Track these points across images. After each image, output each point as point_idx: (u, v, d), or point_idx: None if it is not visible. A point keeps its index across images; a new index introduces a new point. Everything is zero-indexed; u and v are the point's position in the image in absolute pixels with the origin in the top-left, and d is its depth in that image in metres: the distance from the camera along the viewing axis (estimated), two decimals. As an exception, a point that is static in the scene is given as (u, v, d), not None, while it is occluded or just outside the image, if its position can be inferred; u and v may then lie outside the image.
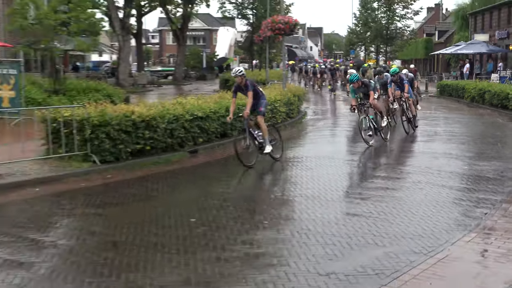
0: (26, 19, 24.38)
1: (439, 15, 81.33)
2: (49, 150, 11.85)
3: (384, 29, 72.46)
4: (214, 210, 9.15)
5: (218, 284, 6.02)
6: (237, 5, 63.71)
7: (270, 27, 29.65)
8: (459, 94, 32.32)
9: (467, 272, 6.31)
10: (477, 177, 11.59)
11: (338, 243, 7.32)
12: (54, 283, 6.15)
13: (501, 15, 48.54)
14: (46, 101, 21.05)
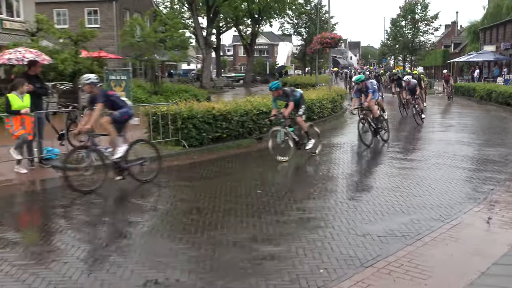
0: (134, 38, 24.92)
1: (455, 30, 79.60)
2: (150, 136, 12.10)
3: (410, 42, 71.48)
4: (275, 184, 9.21)
5: (278, 241, 6.07)
6: (293, 25, 63.98)
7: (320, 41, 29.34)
8: (470, 93, 31.63)
9: (476, 235, 6.20)
10: (485, 160, 11.32)
11: (372, 210, 7.29)
12: (153, 237, 6.34)
13: (506, 30, 48.11)
14: (148, 100, 21.56)
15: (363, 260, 5.41)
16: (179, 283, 4.89)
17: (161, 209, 7.77)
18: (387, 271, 5.13)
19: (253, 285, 4.82)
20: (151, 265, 5.32)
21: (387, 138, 13.71)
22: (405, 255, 5.53)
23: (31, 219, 7.59)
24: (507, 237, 6.05)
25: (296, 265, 5.29)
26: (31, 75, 10.20)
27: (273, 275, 5.05)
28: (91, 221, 7.16)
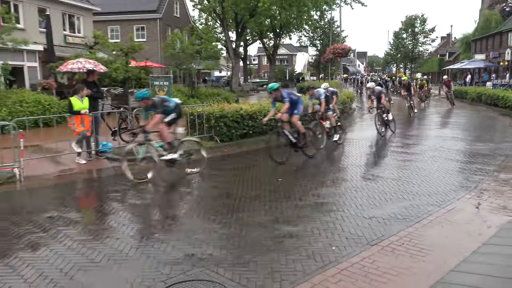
0: (174, 50, 25.05)
1: (450, 41, 78.37)
2: (188, 133, 12.17)
3: (410, 52, 71.12)
4: (294, 173, 9.17)
5: (296, 222, 6.04)
6: (309, 38, 63.84)
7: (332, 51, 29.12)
8: (462, 96, 31.00)
9: (468, 219, 6.07)
10: (476, 153, 11.08)
11: (377, 196, 7.21)
12: (190, 218, 6.38)
13: (495, 41, 47.83)
14: (186, 102, 21.56)
15: (369, 239, 5.36)
16: (212, 257, 4.90)
17: (197, 195, 7.81)
18: (390, 249, 5.07)
19: (274, 260, 4.81)
20: (189, 242, 5.35)
21: (311, 154, 10.70)
22: (406, 235, 5.45)
23: (89, 202, 7.71)
24: (495, 221, 5.92)
25: (312, 243, 5.27)
26: (89, 81, 10.35)
27: (292, 251, 5.04)
28: (139, 204, 7.24)
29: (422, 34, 71.53)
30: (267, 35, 48.37)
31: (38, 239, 5.47)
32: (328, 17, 53.15)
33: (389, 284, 4.22)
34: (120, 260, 4.84)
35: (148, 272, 4.54)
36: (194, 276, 4.43)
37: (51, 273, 4.51)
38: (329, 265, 4.65)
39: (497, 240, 5.24)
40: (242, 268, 4.62)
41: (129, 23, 37.79)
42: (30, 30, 23.49)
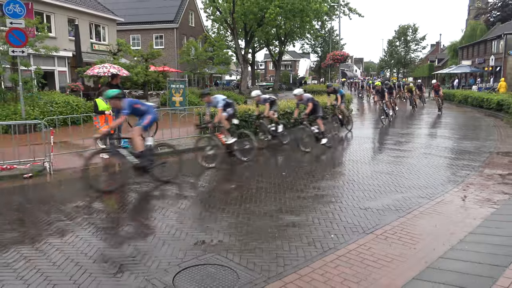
0: (189, 56, 25.10)
1: (439, 48, 77.90)
2: (200, 131, 12.13)
3: (402, 58, 70.70)
4: (296, 168, 9.10)
5: (298, 212, 5.99)
6: (311, 45, 63.50)
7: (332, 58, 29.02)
8: (450, 98, 30.69)
9: (456, 210, 5.98)
10: (462, 150, 10.94)
11: (372, 189, 7.13)
12: (202, 207, 6.34)
13: (480, 48, 47.47)
14: (199, 103, 21.58)
15: (365, 228, 5.29)
16: (222, 243, 4.86)
17: (207, 186, 7.78)
18: (384, 237, 5.00)
19: (279, 246, 4.76)
20: (201, 229, 5.32)
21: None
22: (398, 225, 5.39)
23: (111, 193, 7.68)
24: (480, 212, 5.83)
25: (312, 231, 5.21)
26: (113, 84, 10.35)
27: (294, 238, 4.99)
28: (156, 194, 7.21)
29: (413, 42, 71.16)
30: (273, 43, 48.22)
31: (65, 226, 5.46)
32: (328, 26, 53.09)
33: (383, 269, 4.16)
34: (138, 245, 4.82)
35: (164, 256, 4.51)
36: (205, 261, 4.40)
37: (77, 256, 4.51)
38: (328, 252, 4.60)
39: (482, 230, 5.15)
40: (249, 253, 4.58)
41: (148, 32, 37.84)
42: (61, 38, 23.59)
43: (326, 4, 34.16)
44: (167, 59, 33.84)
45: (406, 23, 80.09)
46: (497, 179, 7.76)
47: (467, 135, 13.95)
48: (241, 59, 34.35)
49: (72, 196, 7.17)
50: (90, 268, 4.23)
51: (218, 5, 32.65)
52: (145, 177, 7.75)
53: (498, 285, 3.58)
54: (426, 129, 16.32)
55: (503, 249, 4.36)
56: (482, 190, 7.00)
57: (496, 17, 54.79)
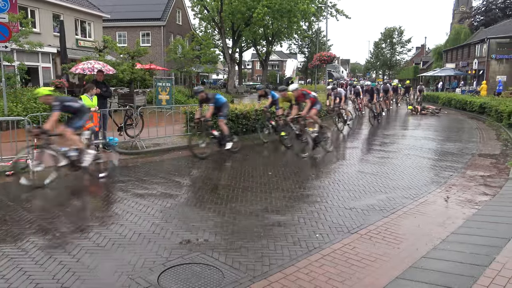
0: (176, 54, 24.95)
1: (424, 51, 78.85)
2: (187, 130, 12.10)
3: (388, 60, 71.46)
4: (282, 167, 9.13)
5: (284, 212, 6.01)
6: (298, 45, 63.82)
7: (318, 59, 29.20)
8: (435, 100, 31.05)
9: (439, 210, 6.08)
10: (445, 152, 11.11)
11: (357, 189, 7.19)
12: (189, 207, 6.32)
13: (464, 51, 48.28)
14: (186, 102, 21.55)
15: (350, 228, 5.34)
16: (207, 242, 4.86)
17: (194, 185, 7.74)
18: (368, 236, 5.05)
19: (264, 245, 4.77)
20: (186, 228, 5.30)
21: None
22: (382, 225, 5.45)
23: (96, 191, 7.59)
24: (462, 213, 5.93)
25: (298, 231, 5.24)
26: (99, 81, 10.24)
27: (280, 237, 5.01)
28: (141, 193, 7.16)
29: (399, 45, 72.07)
30: (260, 43, 48.29)
31: (48, 225, 5.39)
32: (315, 27, 53.35)
33: (367, 269, 4.20)
34: (122, 244, 4.78)
35: (149, 255, 4.49)
36: (190, 260, 4.39)
37: (60, 255, 4.45)
38: (313, 251, 4.63)
39: (464, 230, 5.24)
40: (235, 253, 4.58)
41: (135, 29, 37.52)
42: (45, 33, 23.23)
43: (314, 5, 34.32)
44: (153, 57, 33.61)
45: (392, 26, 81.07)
46: (478, 181, 7.90)
47: (450, 137, 14.17)
48: (228, 58, 34.30)
49: (54, 194, 7.07)
50: (73, 267, 4.18)
51: (206, 3, 32.55)
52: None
53: (479, 284, 3.66)
54: (410, 130, 16.51)
55: (484, 249, 4.44)
56: (464, 191, 7.12)
57: (479, 22, 55.77)
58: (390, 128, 16.79)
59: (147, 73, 22.89)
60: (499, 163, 9.57)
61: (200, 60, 26.77)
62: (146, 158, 9.86)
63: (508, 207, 6.16)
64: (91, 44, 26.01)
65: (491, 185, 7.53)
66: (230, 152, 10.33)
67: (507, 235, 4.77)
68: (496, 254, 4.24)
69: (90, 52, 23.23)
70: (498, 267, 3.95)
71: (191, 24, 44.77)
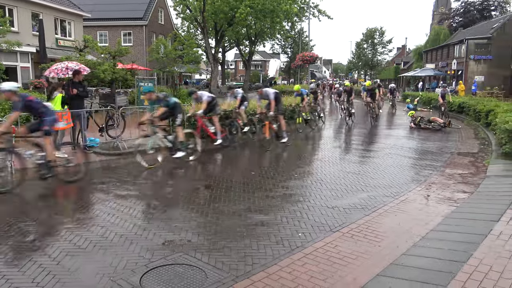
0: (158, 54, 24.73)
1: (404, 52, 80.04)
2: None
3: (370, 60, 72.25)
4: (265, 167, 9.15)
5: (267, 211, 6.03)
6: (281, 46, 64.02)
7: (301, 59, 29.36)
8: (415, 100, 31.49)
9: (419, 208, 6.18)
10: (425, 151, 11.31)
11: (339, 188, 7.26)
12: (171, 207, 6.29)
13: (443, 52, 49.12)
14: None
15: (332, 227, 5.39)
16: (190, 243, 4.84)
17: (176, 186, 7.70)
18: (350, 235, 5.11)
19: (247, 245, 4.78)
20: (168, 229, 5.27)
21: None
22: (364, 223, 5.51)
23: (75, 194, 7.49)
24: (442, 210, 6.05)
25: (281, 230, 5.26)
26: (75, 81, 10.09)
27: (263, 237, 5.02)
28: (123, 194, 7.09)
29: (380, 45, 72.76)
30: (243, 43, 48.23)
31: (26, 227, 5.30)
32: (298, 27, 53.54)
33: (349, 266, 4.25)
34: (105, 245, 4.72)
35: (131, 256, 4.45)
36: (173, 261, 4.37)
37: (40, 258, 4.38)
38: (296, 250, 4.66)
39: (443, 227, 5.34)
40: (218, 253, 4.58)
41: (117, 29, 37.09)
42: (24, 33, 22.78)
43: (296, 6, 34.44)
44: (135, 56, 33.24)
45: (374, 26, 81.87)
46: (457, 179, 8.06)
47: (430, 136, 14.41)
48: (211, 58, 34.18)
49: (31, 196, 6.94)
50: (53, 270, 4.11)
51: (188, 3, 32.34)
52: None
53: (457, 279, 3.74)
54: (391, 129, 16.73)
55: (462, 245, 4.54)
56: (444, 189, 7.25)
57: (458, 23, 56.87)
58: (372, 128, 16.97)
59: (129, 73, 22.66)
60: (477, 162, 9.78)
61: (183, 60, 26.60)
62: (128, 159, 9.75)
63: (486, 204, 6.31)
64: (71, 43, 25.60)
65: (469, 183, 7.69)
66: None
67: (484, 231, 4.88)
68: (474, 250, 4.34)
69: (71, 51, 22.88)
70: (475, 263, 4.04)
71: (174, 24, 44.48)
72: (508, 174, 8.05)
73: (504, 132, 9.78)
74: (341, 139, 13.99)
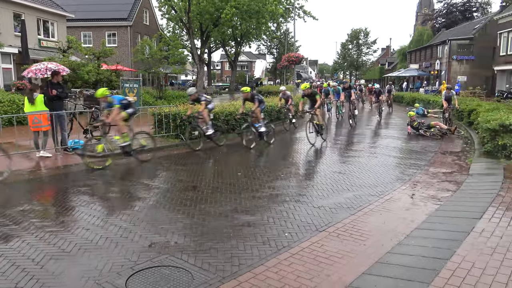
0: (143, 55, 24.61)
1: (389, 52, 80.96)
2: (155, 131, 11.95)
3: (355, 61, 72.90)
4: (251, 168, 9.16)
5: (253, 212, 6.03)
6: (267, 46, 64.26)
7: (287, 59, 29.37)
8: (399, 100, 31.87)
9: (403, 207, 6.25)
10: (410, 150, 11.46)
11: (326, 188, 7.30)
12: (157, 209, 6.24)
13: (426, 52, 50.06)
14: (154, 103, 21.23)
15: (318, 226, 5.42)
16: (177, 244, 4.82)
17: (163, 187, 7.66)
18: (336, 234, 5.14)
19: (234, 246, 4.78)
20: (155, 231, 5.24)
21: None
22: (349, 222, 5.56)
23: (58, 195, 7.40)
24: (426, 208, 6.13)
25: (267, 230, 5.27)
26: (54, 82, 9.96)
27: (249, 237, 5.02)
28: (108, 196, 7.03)
29: (365, 46, 73.57)
30: (229, 43, 48.25)
31: (10, 231, 5.20)
32: (283, 28, 53.63)
33: (335, 265, 4.28)
34: (90, 248, 4.67)
35: (117, 259, 4.41)
36: (159, 263, 4.34)
37: (23, 262, 4.31)
38: (282, 250, 4.67)
39: (427, 225, 5.42)
40: (204, 254, 4.57)
41: (101, 30, 36.72)
42: (6, 33, 22.41)
43: (282, 6, 34.55)
44: (120, 57, 32.96)
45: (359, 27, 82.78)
46: (441, 177, 8.18)
47: (414, 135, 14.57)
48: (197, 59, 34.05)
49: (16, 199, 6.83)
50: (37, 274, 4.06)
51: (173, 3, 32.17)
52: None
53: (440, 276, 3.80)
54: (376, 129, 16.89)
55: (446, 243, 4.62)
56: (428, 188, 7.36)
57: (441, 24, 57.78)
58: (356, 128, 17.11)
59: (114, 74, 22.46)
60: (460, 160, 9.94)
61: (168, 60, 26.49)
62: (113, 160, 9.66)
63: (468, 202, 6.42)
64: (54, 44, 25.27)
65: (453, 182, 7.81)
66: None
67: (467, 229, 4.97)
68: (457, 248, 4.42)
69: (54, 52, 22.60)
70: (459, 260, 4.11)
71: (159, 25, 44.21)
72: (490, 172, 8.20)
73: (486, 131, 9.95)
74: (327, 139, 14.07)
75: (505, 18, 34.17)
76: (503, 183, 7.08)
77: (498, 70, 35.75)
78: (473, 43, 40.02)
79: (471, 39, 40.17)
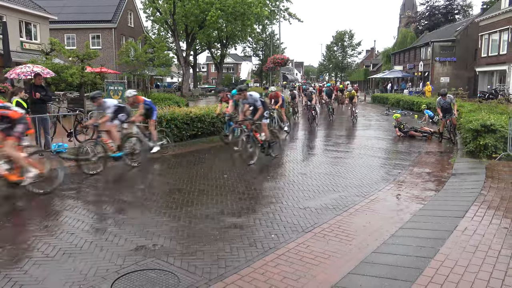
0: (128, 57, 24.43)
1: (373, 54, 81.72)
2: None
3: (340, 63, 73.52)
4: (238, 170, 9.15)
5: (240, 214, 6.03)
6: (253, 48, 64.46)
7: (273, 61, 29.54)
8: (384, 101, 32.19)
9: (388, 207, 6.32)
10: (394, 151, 11.59)
11: (311, 189, 7.34)
12: (143, 212, 6.19)
13: (410, 54, 50.66)
14: (139, 105, 21.03)
15: (304, 227, 5.44)
16: (163, 247, 4.79)
17: (148, 190, 7.61)
18: (322, 235, 5.17)
19: (220, 248, 4.77)
20: (141, 234, 5.20)
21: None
22: (335, 223, 5.59)
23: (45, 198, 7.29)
24: (410, 208, 6.21)
25: (254, 232, 5.28)
26: (37, 85, 9.84)
27: (236, 240, 5.02)
28: (93, 200, 6.94)
29: (350, 47, 74.31)
30: (214, 45, 48.17)
31: (-7, 236, 5.12)
32: (269, 30, 53.98)
33: (321, 266, 4.30)
34: (74, 253, 4.62)
35: (102, 263, 4.36)
36: (145, 266, 4.31)
37: (4, 268, 4.23)
38: (269, 251, 4.68)
39: (412, 224, 5.49)
40: (190, 257, 4.55)
41: (85, 32, 36.36)
42: (-14, 36, 21.97)
43: (267, 9, 34.69)
44: (104, 60, 32.65)
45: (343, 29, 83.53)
46: (425, 177, 8.30)
47: (398, 136, 14.74)
48: (182, 61, 33.95)
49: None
50: (20, 280, 3.99)
51: (158, 5, 32.02)
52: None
53: (424, 275, 3.85)
54: (361, 130, 17.04)
55: (430, 242, 4.68)
56: (412, 188, 7.45)
57: (424, 26, 58.60)
58: (342, 129, 17.25)
59: (98, 77, 22.21)
60: (443, 160, 10.10)
61: (153, 63, 26.36)
62: (98, 164, 9.55)
63: (451, 201, 6.52)
64: (37, 46, 24.92)
65: (436, 181, 7.93)
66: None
67: (450, 227, 5.05)
68: (440, 246, 4.48)
69: (36, 55, 22.28)
70: (442, 258, 4.18)
71: (144, 27, 43.95)
72: (472, 172, 8.35)
73: (468, 132, 10.13)
74: (311, 141, 14.15)
75: (486, 20, 34.86)
76: (485, 182, 7.21)
77: (479, 71, 36.44)
78: (455, 45, 40.72)
79: (453, 41, 40.86)
